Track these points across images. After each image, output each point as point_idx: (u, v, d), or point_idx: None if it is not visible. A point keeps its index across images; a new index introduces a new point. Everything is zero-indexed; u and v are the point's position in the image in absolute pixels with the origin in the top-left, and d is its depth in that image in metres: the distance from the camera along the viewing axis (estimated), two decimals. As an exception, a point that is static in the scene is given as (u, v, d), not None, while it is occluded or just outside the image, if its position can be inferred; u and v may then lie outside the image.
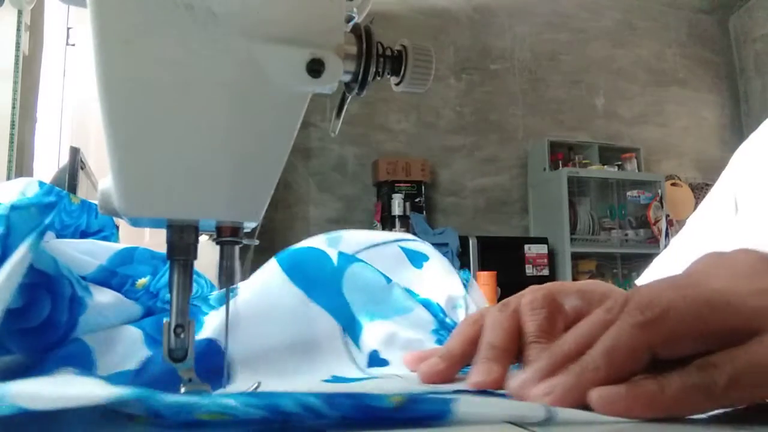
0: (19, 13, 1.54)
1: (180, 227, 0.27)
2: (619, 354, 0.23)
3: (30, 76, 1.63)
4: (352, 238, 0.52)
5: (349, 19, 0.29)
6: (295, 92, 0.27)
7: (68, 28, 1.98)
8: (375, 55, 0.29)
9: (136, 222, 0.27)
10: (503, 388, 0.29)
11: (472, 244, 3.33)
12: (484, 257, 3.28)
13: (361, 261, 0.48)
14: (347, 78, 0.29)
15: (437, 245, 3.18)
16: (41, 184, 0.46)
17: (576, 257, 3.46)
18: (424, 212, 3.39)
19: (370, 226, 3.40)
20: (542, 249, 3.42)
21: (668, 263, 0.58)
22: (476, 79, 3.80)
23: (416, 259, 0.53)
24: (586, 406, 0.23)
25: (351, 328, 0.44)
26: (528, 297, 0.33)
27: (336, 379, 0.38)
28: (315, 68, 0.26)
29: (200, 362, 0.30)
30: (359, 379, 0.38)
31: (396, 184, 3.34)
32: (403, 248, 0.53)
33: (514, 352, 0.32)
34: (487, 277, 1.50)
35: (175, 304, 0.27)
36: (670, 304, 0.23)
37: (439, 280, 0.51)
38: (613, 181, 3.67)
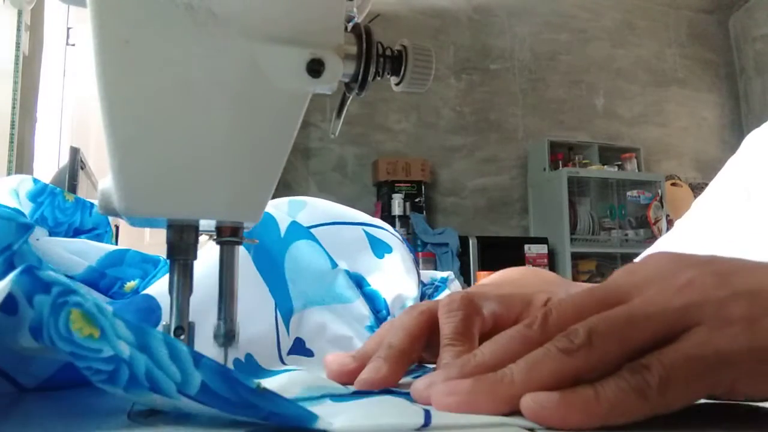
0: (19, 13, 1.54)
1: (180, 227, 0.27)
2: (539, 375, 0.23)
3: (30, 76, 1.63)
4: (317, 209, 0.50)
5: (349, 19, 0.29)
6: (295, 92, 0.27)
7: (68, 28, 1.99)
8: (375, 55, 0.29)
9: (136, 222, 0.27)
10: (392, 386, 0.29)
11: (472, 244, 3.33)
12: (484, 257, 3.28)
13: (311, 238, 0.45)
14: (347, 78, 0.29)
15: (437, 245, 3.17)
16: (35, 181, 0.46)
17: (576, 257, 3.46)
18: (424, 212, 3.39)
19: (370, 226, 3.40)
20: (542, 249, 3.43)
21: (673, 245, 0.58)
22: (476, 79, 3.80)
23: (378, 248, 0.50)
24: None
25: (283, 308, 0.42)
26: (446, 299, 0.33)
27: (248, 360, 0.37)
28: (315, 68, 0.26)
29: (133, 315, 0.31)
30: (273, 373, 0.35)
31: (396, 184, 3.34)
32: (367, 233, 0.51)
33: (412, 353, 0.31)
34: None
35: (175, 305, 0.27)
36: (591, 329, 0.23)
37: (395, 276, 0.49)
38: (613, 181, 3.67)
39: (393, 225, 3.26)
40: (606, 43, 4.10)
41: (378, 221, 0.52)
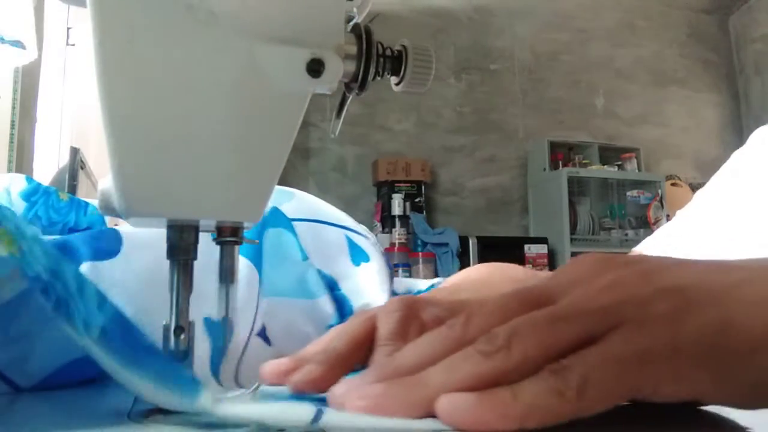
0: (19, 13, 1.54)
1: (180, 227, 0.27)
2: (456, 378, 0.22)
3: (30, 76, 1.63)
4: (303, 203, 0.48)
5: (349, 19, 0.29)
6: (295, 92, 0.27)
7: (68, 28, 1.98)
8: (375, 55, 0.29)
9: (136, 222, 0.27)
10: (323, 390, 0.28)
11: (472, 244, 3.33)
12: (484, 257, 3.28)
13: (288, 228, 0.44)
14: (347, 78, 0.29)
15: (437, 245, 3.17)
16: (29, 180, 0.46)
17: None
18: (424, 212, 3.39)
19: (371, 227, 3.40)
20: (542, 249, 3.43)
21: (669, 237, 0.58)
22: (476, 79, 3.80)
23: (357, 256, 0.49)
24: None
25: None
26: (387, 304, 0.32)
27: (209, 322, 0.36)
28: (315, 68, 0.26)
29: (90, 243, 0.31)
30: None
31: (396, 184, 3.34)
32: (348, 239, 0.49)
33: (352, 358, 0.30)
34: (487, 277, 1.49)
35: (175, 304, 0.27)
36: (512, 331, 0.22)
37: (368, 285, 0.47)
38: (613, 181, 3.67)
39: (393, 225, 3.27)
40: (606, 43, 4.10)
41: (361, 228, 0.51)
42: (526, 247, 3.42)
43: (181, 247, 0.27)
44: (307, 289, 0.43)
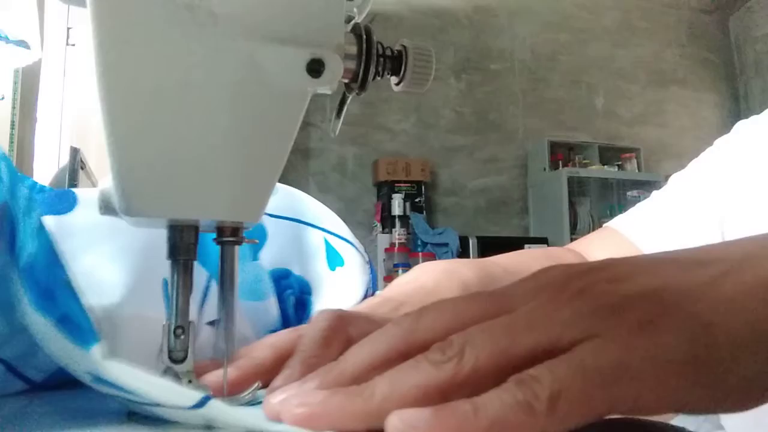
0: (19, 13, 1.54)
1: (180, 227, 0.27)
2: (402, 390, 0.20)
3: (30, 76, 1.63)
4: (286, 200, 0.47)
5: (349, 19, 0.29)
6: (295, 92, 0.27)
7: (68, 28, 1.98)
8: (375, 55, 0.29)
9: (136, 222, 0.27)
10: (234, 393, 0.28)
11: (472, 244, 3.33)
12: (484, 257, 3.28)
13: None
14: (347, 78, 0.29)
15: (437, 245, 3.16)
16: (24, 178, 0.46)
17: (576, 257, 3.46)
18: (424, 212, 3.39)
19: (371, 227, 3.40)
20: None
21: (653, 215, 0.58)
22: (476, 79, 3.80)
23: (332, 260, 0.47)
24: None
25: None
26: (315, 315, 0.31)
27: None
28: (315, 68, 0.26)
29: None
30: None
31: (396, 184, 3.34)
32: (327, 242, 0.48)
33: (271, 367, 0.30)
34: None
35: (175, 304, 0.27)
36: (467, 340, 0.21)
37: (339, 292, 0.46)
38: (613, 181, 3.67)
39: (393, 225, 3.27)
40: (606, 43, 4.10)
41: (343, 230, 0.49)
42: (526, 247, 3.42)
43: (181, 247, 0.27)
44: (254, 290, 0.41)
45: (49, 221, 0.33)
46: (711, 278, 0.21)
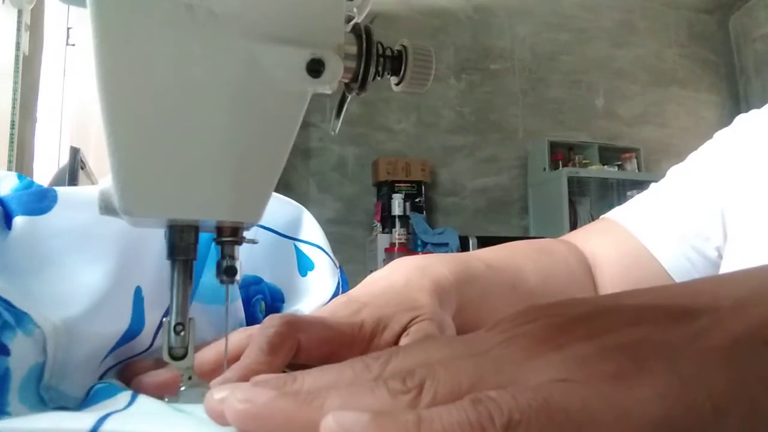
0: (19, 12, 1.54)
1: (180, 227, 0.27)
2: (356, 409, 0.19)
3: (30, 76, 1.63)
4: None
5: (349, 19, 0.29)
6: (295, 92, 0.27)
7: (68, 28, 1.98)
8: (375, 55, 0.29)
9: (136, 222, 0.27)
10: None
11: (472, 244, 3.33)
12: (484, 257, 3.28)
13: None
14: (347, 78, 0.29)
15: (437, 245, 3.16)
16: (20, 177, 0.45)
17: (576, 257, 3.46)
18: (424, 212, 3.39)
19: (370, 227, 3.40)
20: (542, 249, 3.42)
21: (652, 206, 0.58)
22: (476, 79, 3.80)
23: (303, 266, 0.48)
24: None
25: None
26: (266, 320, 0.31)
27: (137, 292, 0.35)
28: (315, 68, 0.26)
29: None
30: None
31: (396, 184, 3.34)
32: (297, 249, 0.48)
33: (209, 370, 0.30)
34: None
35: (175, 302, 0.27)
36: (429, 375, 0.20)
37: (310, 296, 0.46)
38: (613, 181, 3.67)
39: (393, 225, 3.27)
40: (606, 43, 4.10)
41: (313, 236, 0.49)
42: (526, 247, 3.42)
43: (181, 247, 0.27)
44: (219, 294, 0.39)
45: (19, 222, 0.33)
46: (697, 330, 0.20)
